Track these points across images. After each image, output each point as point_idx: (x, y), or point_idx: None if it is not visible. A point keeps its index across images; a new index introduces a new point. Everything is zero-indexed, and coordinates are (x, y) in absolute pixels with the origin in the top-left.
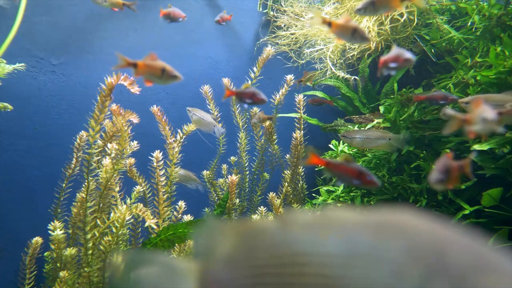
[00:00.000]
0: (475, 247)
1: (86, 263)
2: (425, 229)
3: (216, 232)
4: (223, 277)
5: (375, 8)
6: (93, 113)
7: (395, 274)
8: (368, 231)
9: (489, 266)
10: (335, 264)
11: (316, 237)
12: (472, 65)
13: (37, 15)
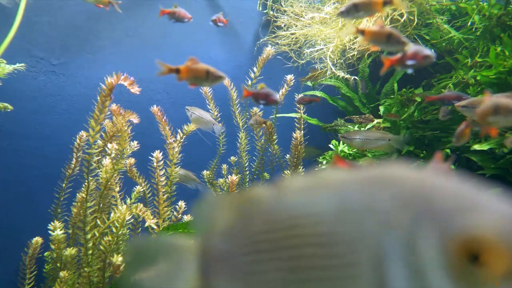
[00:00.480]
0: (462, 190)
1: (86, 263)
2: (414, 177)
3: (214, 207)
4: (221, 249)
5: (357, 11)
6: (93, 113)
7: (385, 224)
8: (358, 186)
9: (475, 206)
10: (327, 221)
11: (308, 198)
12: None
13: (37, 15)
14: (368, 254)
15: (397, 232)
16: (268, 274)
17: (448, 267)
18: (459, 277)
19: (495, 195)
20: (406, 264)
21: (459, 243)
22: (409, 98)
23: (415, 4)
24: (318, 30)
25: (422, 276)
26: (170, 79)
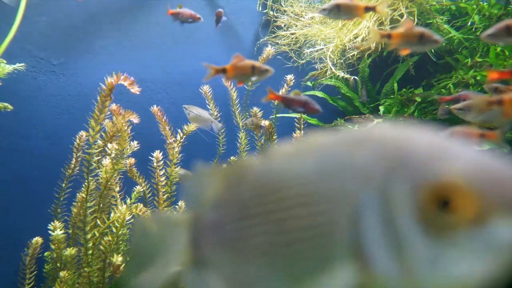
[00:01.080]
0: (435, 141)
1: (86, 263)
2: (390, 133)
3: (205, 179)
4: (211, 219)
5: (339, 12)
6: (93, 113)
7: (362, 179)
8: (338, 146)
9: (446, 155)
10: (310, 181)
11: (292, 162)
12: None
13: (37, 15)
14: (347, 209)
15: (373, 185)
16: (256, 238)
17: (419, 214)
18: (430, 224)
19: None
20: (380, 215)
21: (429, 190)
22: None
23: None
24: (318, 30)
25: (395, 226)
26: (170, 79)
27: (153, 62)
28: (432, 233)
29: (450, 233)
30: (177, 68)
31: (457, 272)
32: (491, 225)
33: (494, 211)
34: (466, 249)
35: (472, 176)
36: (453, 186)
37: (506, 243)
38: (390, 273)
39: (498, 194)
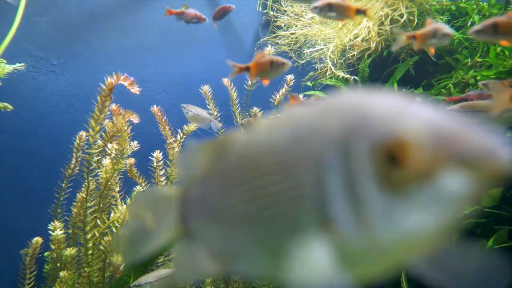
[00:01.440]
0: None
1: (86, 263)
2: (355, 98)
3: (195, 154)
4: (198, 192)
5: (330, 11)
6: (93, 113)
7: (327, 141)
8: (309, 114)
9: (401, 114)
10: (283, 148)
11: (269, 133)
12: (472, 65)
13: (37, 15)
14: (313, 171)
15: (335, 147)
16: (236, 208)
17: (375, 172)
18: (385, 181)
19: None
20: (342, 175)
21: (382, 148)
22: None
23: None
24: (318, 30)
25: (355, 184)
26: (170, 79)
27: (153, 62)
28: (387, 190)
29: (403, 189)
30: (177, 68)
31: (410, 226)
32: (439, 179)
33: (442, 165)
34: (418, 204)
35: (422, 133)
36: (403, 142)
37: (454, 195)
38: (351, 231)
39: (446, 148)
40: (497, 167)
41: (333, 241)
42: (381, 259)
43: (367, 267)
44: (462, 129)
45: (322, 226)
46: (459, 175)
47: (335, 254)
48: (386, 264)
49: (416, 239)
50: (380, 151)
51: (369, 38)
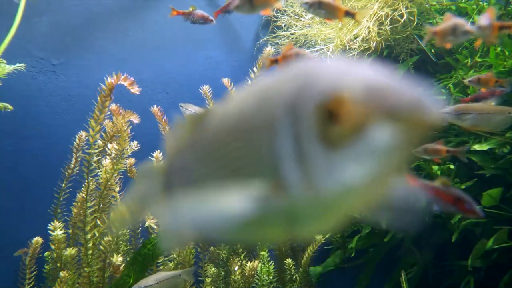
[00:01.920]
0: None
1: (86, 263)
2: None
3: (179, 129)
4: (178, 164)
5: (319, 9)
6: (93, 113)
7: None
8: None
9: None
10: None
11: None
12: (472, 65)
13: (37, 15)
14: (268, 131)
15: (286, 108)
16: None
17: (317, 129)
18: (325, 137)
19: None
20: (291, 132)
21: (321, 105)
22: None
23: (415, 4)
24: (318, 30)
25: (301, 141)
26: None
27: (153, 62)
28: (327, 145)
29: (341, 144)
30: (177, 68)
31: (348, 179)
32: (371, 132)
33: (373, 119)
34: (354, 157)
35: (356, 89)
36: (339, 99)
37: (386, 147)
38: (298, 188)
39: (376, 103)
40: (423, 119)
41: (285, 199)
42: (327, 213)
43: (316, 222)
44: (393, 85)
45: (275, 186)
46: (389, 128)
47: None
48: (333, 218)
49: (354, 191)
50: (321, 109)
51: (369, 38)
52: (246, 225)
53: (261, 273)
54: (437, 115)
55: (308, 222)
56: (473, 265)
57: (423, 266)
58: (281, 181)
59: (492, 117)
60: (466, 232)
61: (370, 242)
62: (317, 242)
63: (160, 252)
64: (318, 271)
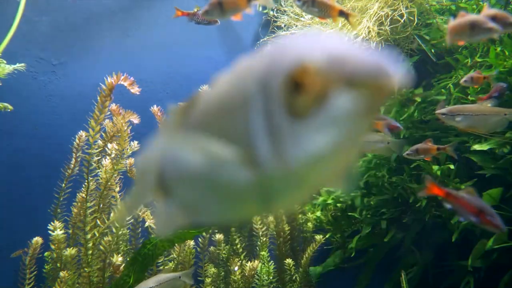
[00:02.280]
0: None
1: (86, 263)
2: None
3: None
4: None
5: (313, 7)
6: (93, 113)
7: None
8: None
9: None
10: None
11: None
12: (472, 65)
13: (37, 15)
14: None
15: (259, 84)
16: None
17: (284, 101)
18: (291, 108)
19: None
20: (262, 107)
21: (287, 77)
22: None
23: (415, 4)
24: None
25: (271, 114)
26: (170, 79)
27: (153, 62)
28: (294, 116)
29: (305, 113)
30: (177, 68)
31: (313, 148)
32: (334, 99)
33: (334, 86)
34: (319, 126)
35: (319, 58)
36: (303, 68)
37: (348, 114)
38: (269, 161)
39: (337, 70)
40: (383, 84)
41: (258, 174)
42: (299, 185)
43: (290, 195)
44: (354, 52)
45: (250, 162)
46: (350, 94)
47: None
48: (305, 190)
49: (322, 159)
50: (287, 80)
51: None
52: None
53: (261, 273)
54: (397, 80)
55: (281, 196)
56: (473, 265)
57: (423, 266)
58: (255, 156)
59: (488, 119)
60: (466, 232)
61: (370, 242)
62: (317, 242)
63: (160, 252)
64: (318, 271)
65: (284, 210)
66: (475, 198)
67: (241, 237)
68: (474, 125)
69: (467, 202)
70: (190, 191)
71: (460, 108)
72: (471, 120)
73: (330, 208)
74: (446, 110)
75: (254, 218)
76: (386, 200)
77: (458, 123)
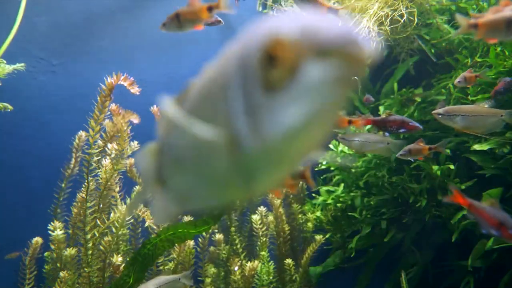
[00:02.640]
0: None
1: (86, 263)
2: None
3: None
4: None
5: (303, 2)
6: (93, 113)
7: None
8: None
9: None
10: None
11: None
12: (472, 65)
13: (37, 15)
14: (225, 91)
15: (237, 64)
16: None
17: (260, 76)
18: (267, 82)
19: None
20: (241, 84)
21: (262, 52)
22: (409, 98)
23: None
24: None
25: (249, 93)
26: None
27: (153, 62)
28: (269, 90)
29: (280, 86)
30: (177, 68)
31: (288, 120)
32: (306, 70)
33: (306, 56)
34: (292, 98)
35: (291, 30)
36: (275, 41)
37: (320, 83)
38: (247, 137)
39: (308, 41)
40: (353, 51)
41: (239, 154)
42: (279, 161)
43: (271, 172)
44: (324, 24)
45: (231, 143)
46: (322, 64)
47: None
48: (286, 165)
49: (298, 131)
50: (262, 54)
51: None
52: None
53: (261, 273)
54: (367, 47)
55: (263, 174)
56: (473, 265)
57: (423, 266)
58: (236, 137)
59: (484, 119)
60: (466, 232)
61: (370, 242)
62: (317, 242)
63: (160, 252)
64: (318, 271)
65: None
66: (497, 211)
67: (241, 237)
68: (470, 126)
69: (488, 214)
70: (182, 178)
71: (457, 109)
72: (467, 121)
73: (330, 208)
74: (442, 110)
75: (254, 219)
76: (386, 200)
77: (455, 124)
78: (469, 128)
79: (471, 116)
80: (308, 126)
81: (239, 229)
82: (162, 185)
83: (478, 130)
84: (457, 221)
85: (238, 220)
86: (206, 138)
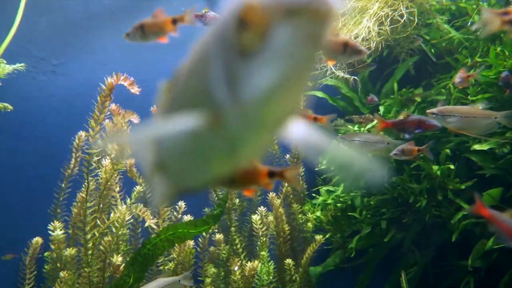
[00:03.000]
0: None
1: (86, 263)
2: None
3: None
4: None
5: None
6: (93, 113)
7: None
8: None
9: None
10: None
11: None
12: (472, 65)
13: (37, 15)
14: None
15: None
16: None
17: (235, 42)
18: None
19: None
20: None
21: (235, 18)
22: (409, 98)
23: (415, 4)
24: None
25: (227, 63)
26: None
27: (153, 62)
28: (244, 56)
29: (253, 49)
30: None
31: (263, 83)
32: (276, 32)
33: (275, 20)
34: (265, 60)
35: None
36: (247, 7)
37: (290, 43)
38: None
39: (277, 4)
40: (320, 9)
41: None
42: (258, 127)
43: (252, 140)
44: None
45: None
46: (291, 24)
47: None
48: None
49: (274, 94)
50: (236, 21)
51: (369, 38)
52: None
53: (261, 273)
54: (330, 4)
55: (245, 142)
56: (473, 265)
57: (423, 266)
58: (218, 109)
59: (478, 121)
60: (466, 232)
61: (370, 242)
62: (317, 242)
63: (160, 252)
64: (318, 271)
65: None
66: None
67: (241, 237)
68: (464, 127)
69: (507, 226)
70: (176, 160)
71: (451, 109)
72: (461, 122)
73: (330, 208)
74: (436, 110)
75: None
76: (386, 200)
77: (448, 124)
78: (463, 129)
79: (464, 117)
80: (282, 87)
81: (239, 229)
82: (159, 167)
83: (472, 131)
84: (457, 221)
85: (238, 220)
86: (187, 128)
